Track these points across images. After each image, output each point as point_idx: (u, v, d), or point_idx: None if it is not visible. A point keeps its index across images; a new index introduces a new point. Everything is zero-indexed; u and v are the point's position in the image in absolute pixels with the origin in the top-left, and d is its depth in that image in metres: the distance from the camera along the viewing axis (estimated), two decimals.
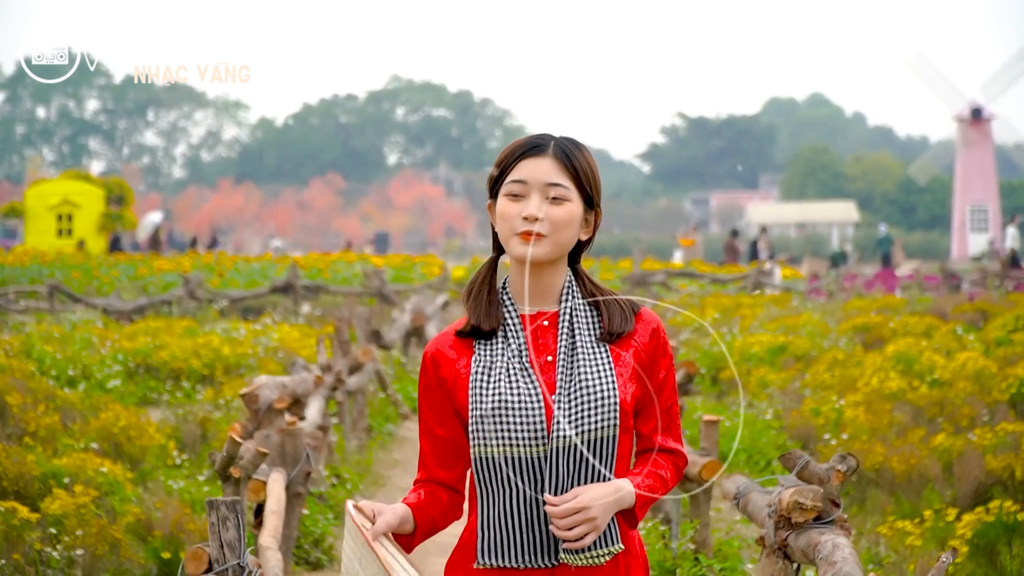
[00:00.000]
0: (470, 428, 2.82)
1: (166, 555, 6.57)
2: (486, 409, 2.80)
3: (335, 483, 8.89)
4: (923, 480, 8.07)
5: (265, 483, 5.29)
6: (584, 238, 2.92)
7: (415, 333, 15.76)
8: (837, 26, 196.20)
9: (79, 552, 6.34)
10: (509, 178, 2.86)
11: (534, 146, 2.86)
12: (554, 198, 2.83)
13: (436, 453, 2.90)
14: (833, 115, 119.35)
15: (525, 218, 2.82)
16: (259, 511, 5.32)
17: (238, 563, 3.82)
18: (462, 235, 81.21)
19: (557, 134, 2.91)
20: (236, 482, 4.92)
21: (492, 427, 2.79)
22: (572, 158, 2.85)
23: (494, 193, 2.91)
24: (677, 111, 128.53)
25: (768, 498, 4.53)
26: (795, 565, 4.51)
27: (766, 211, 73.79)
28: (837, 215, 70.57)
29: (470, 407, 2.82)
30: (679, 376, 7.34)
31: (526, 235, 2.82)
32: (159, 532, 6.67)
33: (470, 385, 2.83)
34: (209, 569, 3.85)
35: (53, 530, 6.49)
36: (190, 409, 10.56)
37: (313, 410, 7.88)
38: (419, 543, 2.88)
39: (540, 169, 2.84)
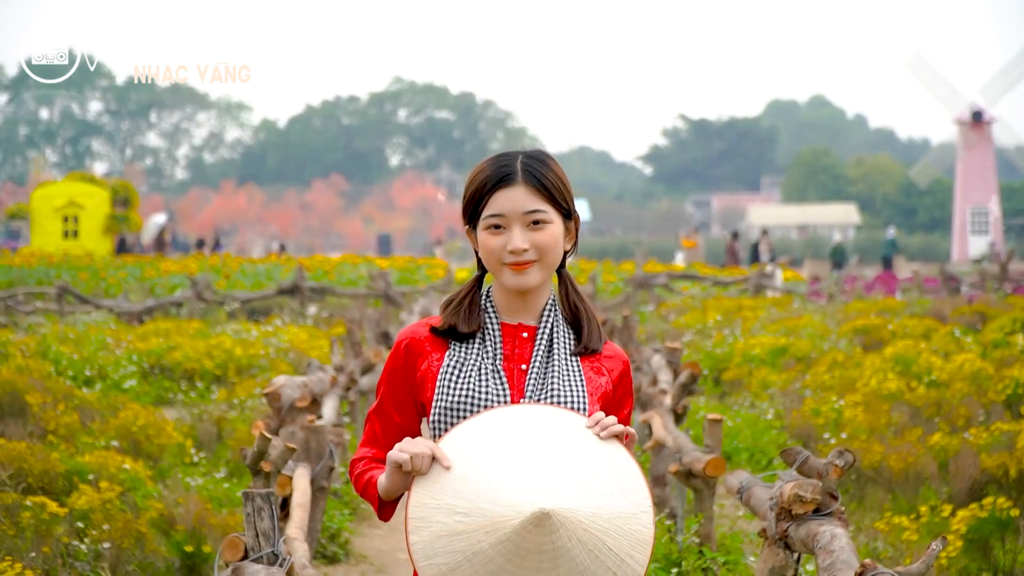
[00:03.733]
0: (431, 420, 2.84)
1: (189, 548, 6.79)
2: (451, 403, 2.82)
3: (349, 480, 9.15)
4: (920, 478, 8.29)
5: (291, 478, 5.54)
6: (568, 247, 2.94)
7: None
8: (838, 28, 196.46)
9: (105, 545, 6.54)
10: (485, 212, 2.86)
11: (502, 177, 2.84)
12: (534, 222, 2.84)
13: (389, 438, 2.92)
14: (834, 117, 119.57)
15: (511, 251, 2.84)
16: (283, 505, 5.57)
17: (272, 551, 4.05)
18: (463, 237, 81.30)
19: (521, 153, 2.89)
20: (266, 476, 5.17)
21: (454, 421, 2.81)
22: (543, 179, 2.84)
23: (471, 220, 2.91)
24: (679, 113, 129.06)
25: (770, 492, 4.77)
26: (795, 555, 4.76)
27: (767, 213, 74.00)
28: (838, 217, 70.82)
29: (435, 400, 2.84)
30: (684, 377, 7.59)
31: (515, 265, 2.85)
32: (181, 527, 6.88)
33: (438, 379, 2.85)
34: (245, 556, 4.07)
35: (80, 524, 6.71)
36: (205, 408, 10.81)
37: (328, 409, 8.14)
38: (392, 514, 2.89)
39: (514, 200, 2.83)
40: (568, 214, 2.90)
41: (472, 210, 2.88)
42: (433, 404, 2.84)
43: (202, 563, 6.69)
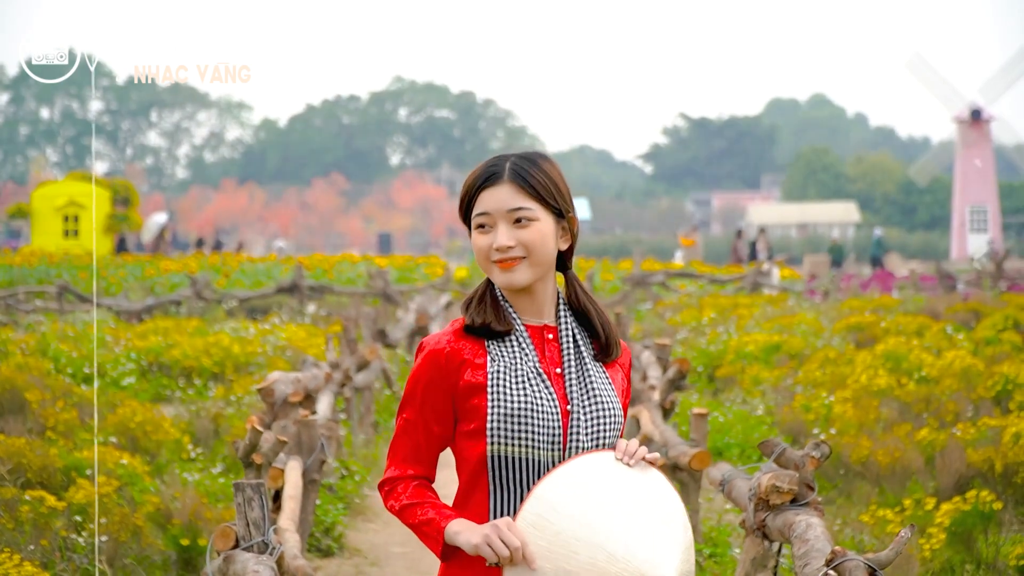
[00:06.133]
0: (489, 426, 2.82)
1: (185, 542, 6.89)
2: (510, 409, 2.82)
3: (344, 475, 9.27)
4: (907, 472, 8.40)
5: (283, 470, 5.66)
6: (564, 247, 2.94)
7: (419, 332, 16.17)
8: (839, 27, 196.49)
9: (103, 539, 6.65)
10: (474, 212, 2.90)
11: (489, 176, 2.89)
12: (519, 220, 2.87)
13: (431, 450, 2.92)
14: (835, 116, 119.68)
15: (497, 248, 2.87)
16: (276, 497, 5.69)
17: (263, 540, 4.17)
18: (464, 236, 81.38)
19: (514, 154, 2.92)
20: (257, 468, 5.29)
21: (514, 427, 2.82)
22: (529, 177, 2.87)
23: (466, 222, 2.96)
24: (679, 112, 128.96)
25: (750, 483, 4.88)
26: (777, 545, 4.87)
27: (767, 212, 74.10)
28: (838, 216, 70.94)
29: (490, 406, 2.83)
30: (672, 372, 7.71)
31: (502, 263, 2.87)
32: (178, 520, 6.99)
33: (490, 386, 2.84)
34: (236, 545, 4.19)
35: (78, 518, 6.82)
36: (202, 405, 10.93)
37: (323, 405, 8.25)
38: None
39: (499, 198, 2.87)
40: (560, 213, 2.91)
41: (466, 211, 2.92)
42: (489, 412, 2.83)
43: (198, 556, 6.80)
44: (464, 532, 2.76)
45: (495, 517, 2.83)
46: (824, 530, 4.31)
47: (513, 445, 2.81)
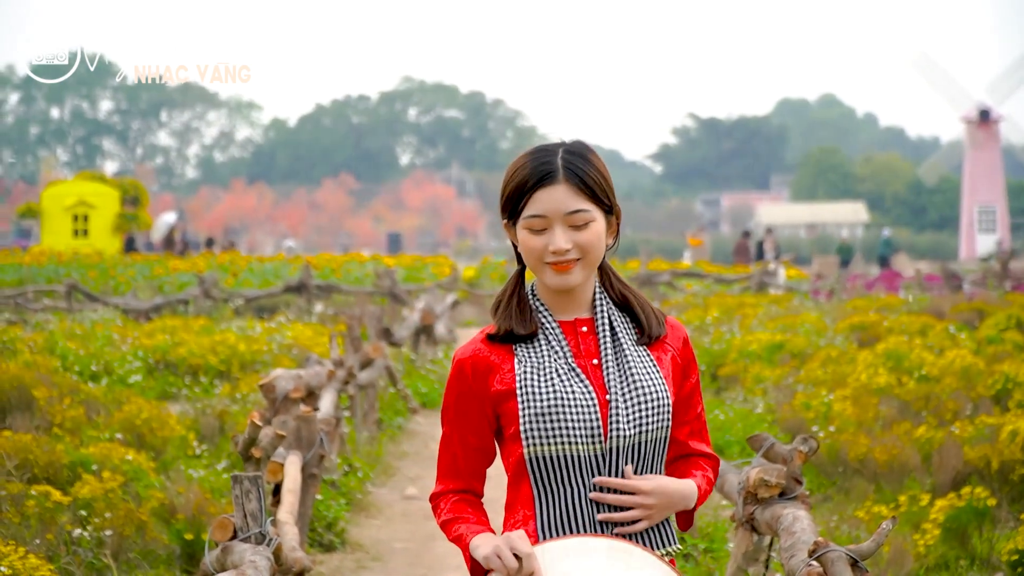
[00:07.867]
0: (522, 428, 2.77)
1: (189, 536, 6.98)
2: (541, 407, 2.76)
3: (347, 471, 9.37)
4: (904, 469, 8.46)
5: (283, 465, 5.75)
6: (610, 242, 2.90)
7: (424, 331, 16.29)
8: (849, 27, 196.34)
9: (107, 533, 6.74)
10: (526, 212, 2.80)
11: (544, 175, 2.79)
12: (577, 222, 2.79)
13: (470, 463, 2.88)
14: (844, 116, 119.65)
15: (554, 251, 2.79)
16: (276, 491, 5.78)
17: (260, 531, 4.27)
18: (473, 235, 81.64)
19: (560, 147, 2.82)
20: (257, 462, 5.37)
21: (548, 425, 2.76)
22: (584, 176, 2.79)
23: (510, 216, 2.86)
24: (688, 112, 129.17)
25: (739, 477, 4.97)
26: (769, 538, 4.95)
27: (776, 212, 74.18)
28: (846, 216, 71.00)
29: (521, 407, 2.77)
30: None
31: (557, 266, 2.80)
32: (182, 515, 7.09)
33: (518, 387, 2.78)
34: (234, 536, 4.29)
35: (83, 513, 6.91)
36: (208, 403, 11.02)
37: (326, 402, 8.33)
38: None
39: (556, 200, 2.78)
40: (610, 209, 2.85)
41: (512, 207, 2.83)
42: (521, 413, 2.78)
43: (201, 550, 6.87)
44: (481, 546, 2.71)
45: (542, 520, 2.78)
46: (811, 523, 4.39)
47: (549, 444, 2.76)
